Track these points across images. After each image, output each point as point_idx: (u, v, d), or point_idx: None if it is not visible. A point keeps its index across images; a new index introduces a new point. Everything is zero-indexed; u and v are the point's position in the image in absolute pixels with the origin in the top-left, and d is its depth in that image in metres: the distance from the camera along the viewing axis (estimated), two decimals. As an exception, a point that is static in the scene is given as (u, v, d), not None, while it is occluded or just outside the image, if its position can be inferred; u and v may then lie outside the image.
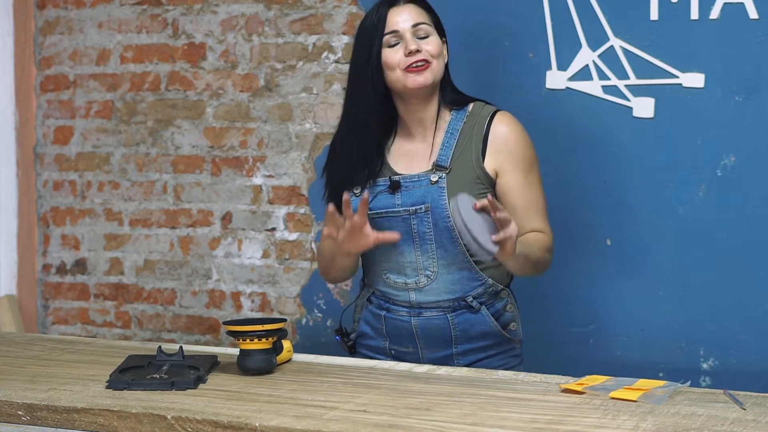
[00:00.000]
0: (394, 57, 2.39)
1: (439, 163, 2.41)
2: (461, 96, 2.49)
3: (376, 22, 2.40)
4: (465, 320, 2.42)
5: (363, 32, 2.44)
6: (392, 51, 2.40)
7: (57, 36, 3.68)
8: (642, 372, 2.67)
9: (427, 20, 2.42)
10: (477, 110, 2.46)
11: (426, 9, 2.45)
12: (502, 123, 2.43)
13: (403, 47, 2.38)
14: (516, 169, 2.41)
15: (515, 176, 2.41)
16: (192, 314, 3.54)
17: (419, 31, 2.40)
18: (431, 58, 2.39)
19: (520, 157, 2.42)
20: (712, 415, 1.88)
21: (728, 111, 2.82)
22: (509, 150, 2.42)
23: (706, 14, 2.81)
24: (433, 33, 2.42)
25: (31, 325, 3.72)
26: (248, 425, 1.87)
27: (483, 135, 2.42)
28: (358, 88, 2.44)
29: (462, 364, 2.43)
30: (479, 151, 2.41)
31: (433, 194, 2.38)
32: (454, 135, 2.43)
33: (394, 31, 2.39)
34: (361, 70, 2.42)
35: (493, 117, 2.43)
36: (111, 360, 2.35)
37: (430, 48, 2.39)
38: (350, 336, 2.56)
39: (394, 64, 2.39)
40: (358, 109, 2.44)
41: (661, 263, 2.91)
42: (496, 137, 2.42)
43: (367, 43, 2.41)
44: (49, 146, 3.72)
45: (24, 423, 2.04)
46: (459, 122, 2.44)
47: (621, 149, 2.93)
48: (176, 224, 3.54)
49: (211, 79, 3.47)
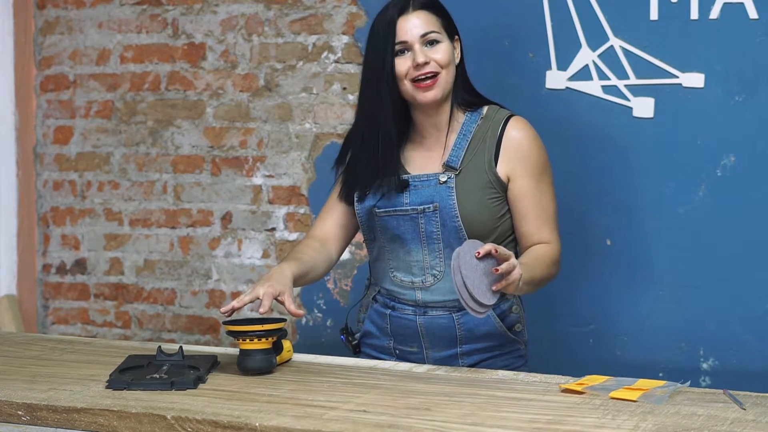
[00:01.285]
0: (403, 67, 2.37)
1: (449, 164, 2.41)
2: (476, 98, 2.47)
3: (386, 29, 2.38)
4: (470, 320, 2.41)
5: (374, 40, 2.42)
6: (402, 60, 2.38)
7: (57, 36, 3.68)
8: (642, 372, 2.67)
9: (436, 27, 2.39)
10: (491, 114, 2.45)
11: (436, 13, 2.42)
12: (516, 128, 2.42)
13: (411, 57, 2.37)
14: (528, 176, 2.41)
15: (527, 182, 2.41)
16: (192, 314, 3.54)
17: (428, 39, 2.38)
18: (439, 68, 2.37)
19: (532, 164, 2.41)
20: (712, 415, 1.88)
21: (728, 111, 2.82)
22: (522, 156, 2.41)
23: (706, 14, 2.81)
24: (444, 39, 2.39)
25: (31, 325, 3.72)
26: (248, 425, 1.87)
27: (497, 139, 2.41)
28: (374, 96, 2.42)
29: (467, 364, 2.43)
30: (492, 155, 2.40)
31: (442, 194, 2.38)
32: (466, 137, 2.42)
33: (403, 42, 2.37)
34: (376, 79, 2.40)
35: (507, 121, 2.43)
36: (111, 360, 2.36)
37: (438, 57, 2.37)
38: (355, 336, 2.56)
39: (402, 75, 2.38)
40: (374, 114, 2.42)
41: (661, 263, 2.91)
42: (510, 142, 2.41)
43: (379, 51, 2.39)
44: (49, 146, 3.72)
45: (24, 423, 2.04)
46: (472, 124, 2.44)
47: (621, 149, 2.93)
48: (176, 224, 3.54)
49: (211, 79, 3.47)
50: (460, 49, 2.46)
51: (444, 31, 2.41)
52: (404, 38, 2.37)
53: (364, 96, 2.46)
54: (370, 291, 2.55)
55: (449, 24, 2.44)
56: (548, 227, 2.42)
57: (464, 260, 2.13)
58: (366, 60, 2.45)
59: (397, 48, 2.38)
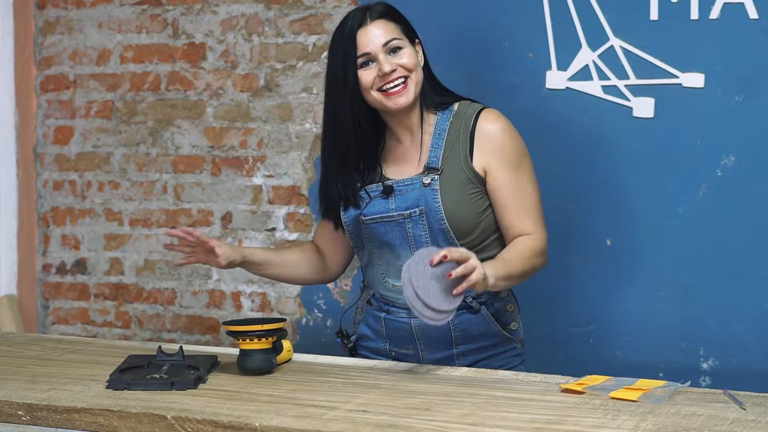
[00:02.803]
0: (368, 78, 2.35)
1: (430, 165, 2.39)
2: (444, 97, 2.45)
3: (346, 43, 2.36)
4: (465, 321, 2.41)
5: (334, 53, 2.39)
6: (366, 72, 2.35)
7: (57, 36, 3.68)
8: (642, 372, 2.67)
9: (397, 34, 2.37)
10: (462, 109, 2.43)
11: (395, 20, 2.39)
12: (488, 120, 2.40)
13: (377, 68, 2.35)
14: (504, 167, 2.38)
15: (504, 174, 2.38)
16: (192, 314, 3.54)
17: (391, 47, 2.35)
18: (407, 71, 2.35)
19: (508, 154, 2.38)
20: (712, 415, 1.88)
21: (728, 111, 2.82)
22: (496, 147, 2.38)
23: (706, 14, 2.81)
24: (406, 44, 2.37)
25: (31, 325, 3.72)
26: (248, 425, 1.87)
27: (469, 134, 2.39)
28: (339, 110, 2.40)
29: (463, 365, 2.42)
30: (467, 150, 2.38)
31: (427, 197, 2.36)
32: (441, 135, 2.41)
33: (366, 53, 2.35)
34: (339, 92, 2.38)
35: (478, 115, 2.40)
36: (111, 360, 2.36)
37: (404, 61, 2.35)
38: (350, 338, 2.56)
39: (369, 86, 2.35)
40: (339, 130, 2.41)
41: (661, 263, 2.91)
42: (482, 135, 2.38)
43: (341, 66, 2.37)
44: (49, 146, 3.72)
45: (24, 423, 2.04)
46: (445, 122, 2.42)
47: (621, 149, 2.92)
48: (176, 224, 3.53)
49: (211, 79, 3.47)
50: (423, 52, 2.44)
51: (405, 36, 2.39)
52: (366, 50, 2.35)
53: (328, 112, 2.43)
54: (365, 294, 2.54)
55: (408, 29, 2.42)
56: (530, 218, 2.39)
57: (415, 271, 2.11)
58: (327, 76, 2.42)
59: (360, 60, 2.35)
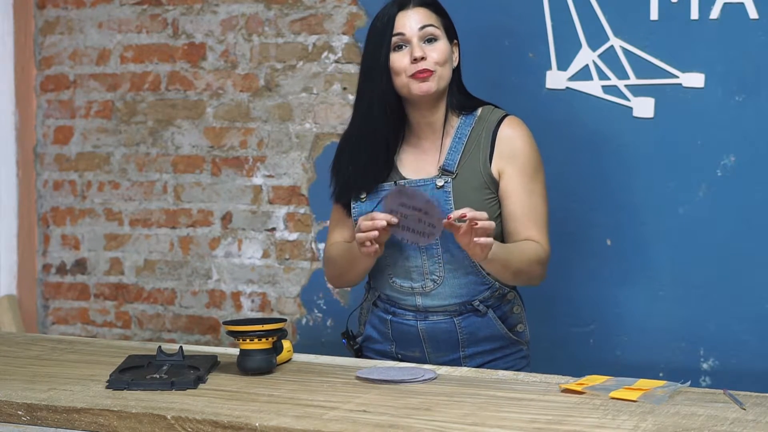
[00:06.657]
0: (400, 62, 2.37)
1: (445, 168, 2.40)
2: (470, 100, 2.47)
3: (385, 23, 2.38)
4: (472, 323, 2.41)
5: (372, 34, 2.42)
6: (399, 55, 2.37)
7: (57, 36, 3.68)
8: (642, 372, 2.67)
9: (435, 23, 2.39)
10: (486, 114, 2.44)
11: (436, 11, 2.42)
12: (510, 127, 2.41)
13: (409, 53, 2.37)
14: (518, 174, 2.39)
15: (516, 181, 2.39)
16: (192, 314, 3.54)
17: (426, 34, 2.37)
18: (436, 66, 2.36)
19: (523, 162, 2.40)
20: (712, 415, 1.88)
21: (728, 111, 2.82)
22: (514, 153, 2.40)
23: (706, 14, 2.81)
24: (442, 37, 2.39)
25: (31, 325, 3.72)
26: (248, 425, 1.87)
27: (491, 139, 2.40)
28: (367, 91, 2.42)
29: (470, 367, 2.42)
30: (487, 155, 2.40)
31: (439, 199, 2.35)
32: (461, 140, 2.42)
33: (401, 34, 2.37)
34: (370, 73, 2.40)
35: (501, 121, 2.42)
36: (111, 360, 2.35)
37: (435, 55, 2.36)
38: (356, 339, 2.55)
39: (401, 70, 2.37)
40: (367, 112, 2.42)
41: (661, 263, 2.91)
42: (503, 140, 2.40)
43: (376, 45, 2.39)
44: (49, 146, 3.72)
45: (24, 423, 2.04)
46: (467, 127, 2.43)
47: (621, 149, 2.93)
48: (176, 224, 3.54)
49: (211, 79, 3.47)
50: (458, 54, 2.46)
51: (443, 29, 2.41)
52: (402, 30, 2.37)
53: (359, 94, 2.45)
54: (370, 295, 2.53)
55: (449, 25, 2.44)
56: (536, 228, 2.39)
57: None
58: (363, 56, 2.45)
59: (394, 41, 2.37)
